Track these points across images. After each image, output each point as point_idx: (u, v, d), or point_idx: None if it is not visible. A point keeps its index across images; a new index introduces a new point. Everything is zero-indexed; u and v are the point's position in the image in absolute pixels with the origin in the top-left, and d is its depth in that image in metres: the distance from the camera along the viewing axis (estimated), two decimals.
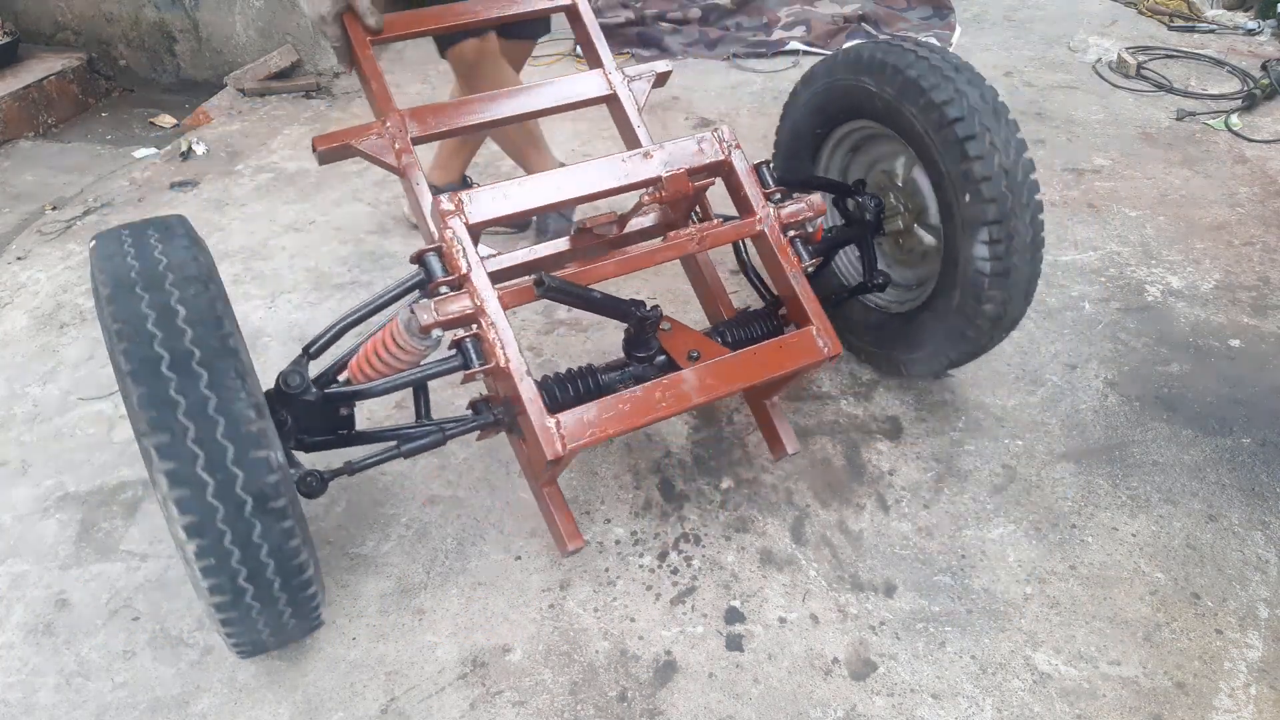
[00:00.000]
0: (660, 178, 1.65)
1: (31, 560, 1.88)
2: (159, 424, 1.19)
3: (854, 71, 1.90)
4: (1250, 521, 1.87)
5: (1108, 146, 3.39)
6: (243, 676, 1.63)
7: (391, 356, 1.51)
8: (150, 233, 1.38)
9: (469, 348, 1.49)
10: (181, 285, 1.28)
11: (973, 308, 1.81)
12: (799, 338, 1.67)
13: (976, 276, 1.76)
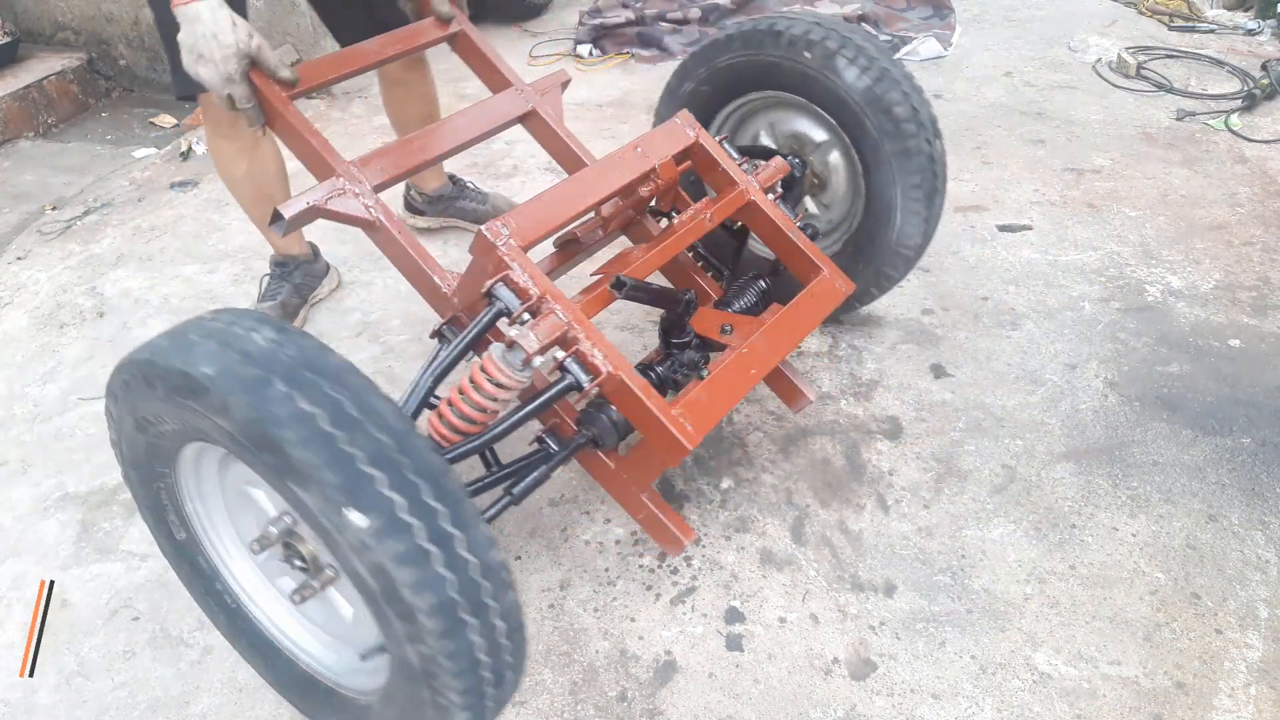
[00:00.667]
0: (654, 168, 1.70)
1: (31, 560, 1.87)
2: (391, 529, 0.99)
3: (763, 48, 1.99)
4: (1250, 521, 1.87)
5: (1108, 146, 3.39)
6: (243, 676, 1.63)
7: (490, 399, 1.42)
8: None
9: (573, 366, 1.43)
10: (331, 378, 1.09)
11: (896, 247, 2.07)
12: (820, 285, 1.79)
13: (904, 217, 2.03)
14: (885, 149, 1.94)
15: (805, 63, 1.93)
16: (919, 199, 2.01)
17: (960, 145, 3.43)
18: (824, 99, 1.97)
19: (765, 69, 2.01)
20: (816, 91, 1.97)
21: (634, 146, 1.72)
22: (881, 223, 2.05)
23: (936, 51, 4.30)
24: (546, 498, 1.96)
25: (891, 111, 1.89)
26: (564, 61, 4.46)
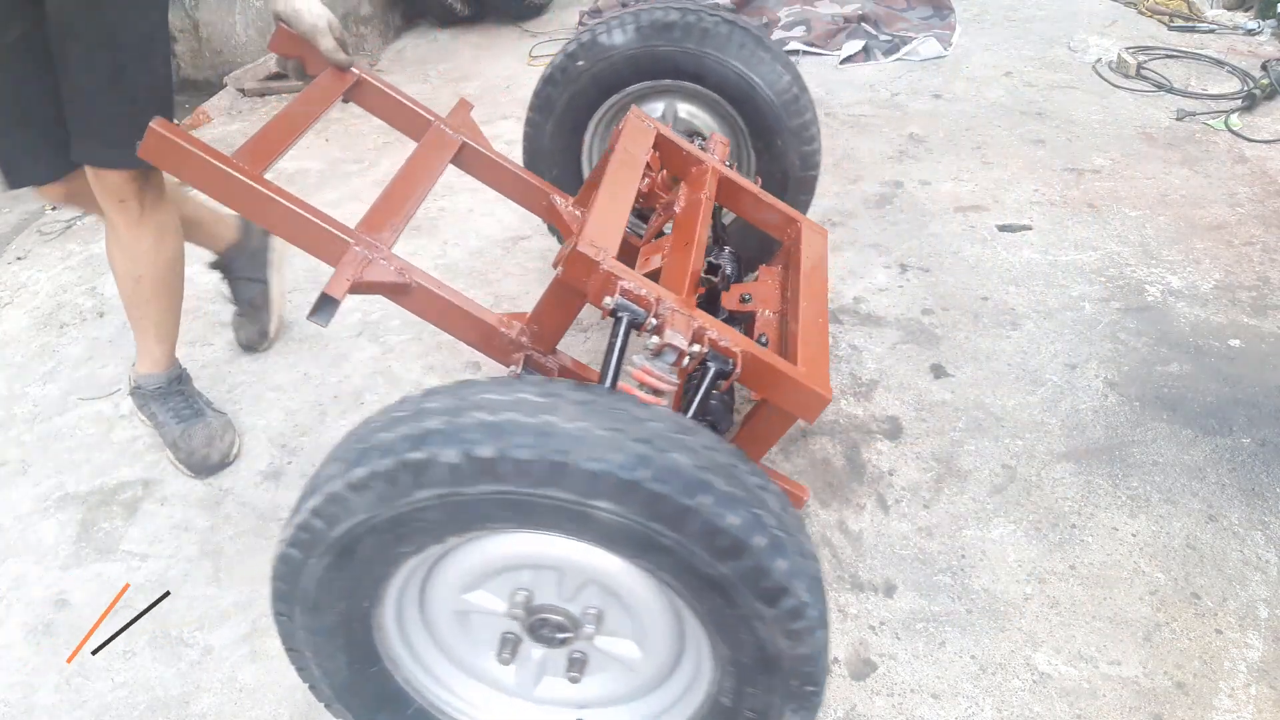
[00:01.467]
0: (649, 164, 1.78)
1: (31, 560, 1.88)
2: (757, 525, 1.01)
3: (666, 40, 2.06)
4: (1250, 521, 1.87)
5: (1108, 146, 3.39)
6: (243, 676, 1.63)
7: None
8: None
9: (715, 358, 1.44)
10: None
11: (798, 203, 2.22)
12: (806, 234, 1.88)
13: (798, 177, 2.22)
14: (783, 124, 2.11)
15: (698, 51, 2.04)
16: (810, 166, 2.24)
17: (960, 145, 3.43)
18: (720, 83, 2.08)
19: (661, 58, 2.07)
20: (711, 76, 2.08)
21: (619, 149, 1.74)
22: (779, 189, 2.17)
23: (936, 51, 4.30)
24: None
25: (789, 91, 2.09)
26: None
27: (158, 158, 1.44)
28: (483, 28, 4.96)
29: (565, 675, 1.26)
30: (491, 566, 1.20)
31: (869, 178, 3.22)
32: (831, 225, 2.93)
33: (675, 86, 2.12)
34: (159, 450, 2.12)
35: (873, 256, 2.76)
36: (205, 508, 1.97)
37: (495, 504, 1.02)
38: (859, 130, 3.59)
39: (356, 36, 4.54)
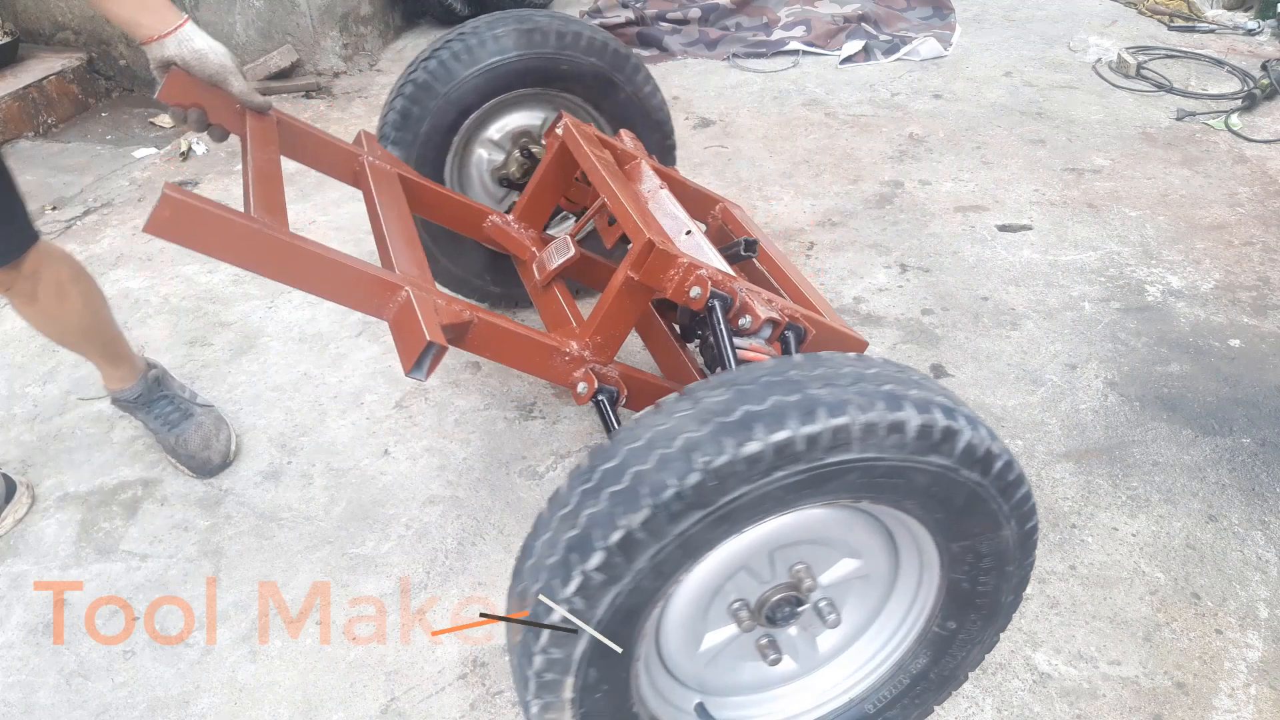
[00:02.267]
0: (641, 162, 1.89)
1: (31, 560, 1.88)
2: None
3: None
4: (1250, 521, 1.87)
5: (1108, 146, 3.39)
6: (243, 676, 1.63)
7: None
8: None
9: (792, 327, 1.52)
10: None
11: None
12: (732, 213, 2.01)
13: (661, 149, 2.25)
14: (634, 106, 2.17)
15: (571, 56, 2.06)
16: (668, 135, 2.27)
17: (960, 145, 3.43)
18: (580, 81, 2.11)
19: (537, 65, 2.06)
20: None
21: (595, 156, 1.76)
22: None
23: (936, 51, 4.30)
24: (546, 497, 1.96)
25: (641, 71, 2.15)
26: None
27: (174, 230, 1.24)
28: None
29: (826, 626, 1.27)
30: (707, 592, 1.18)
31: (869, 178, 3.22)
32: (831, 225, 2.93)
33: (530, 95, 2.12)
34: (159, 450, 2.12)
35: (873, 256, 2.76)
36: (205, 508, 1.97)
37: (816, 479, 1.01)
38: (859, 130, 3.59)
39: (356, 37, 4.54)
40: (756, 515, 1.02)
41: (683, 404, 1.05)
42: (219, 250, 1.29)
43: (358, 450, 2.11)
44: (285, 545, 1.88)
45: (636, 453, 1.00)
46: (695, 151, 3.47)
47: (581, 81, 2.08)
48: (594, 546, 0.96)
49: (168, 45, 1.48)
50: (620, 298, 1.54)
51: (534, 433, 2.14)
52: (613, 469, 1.00)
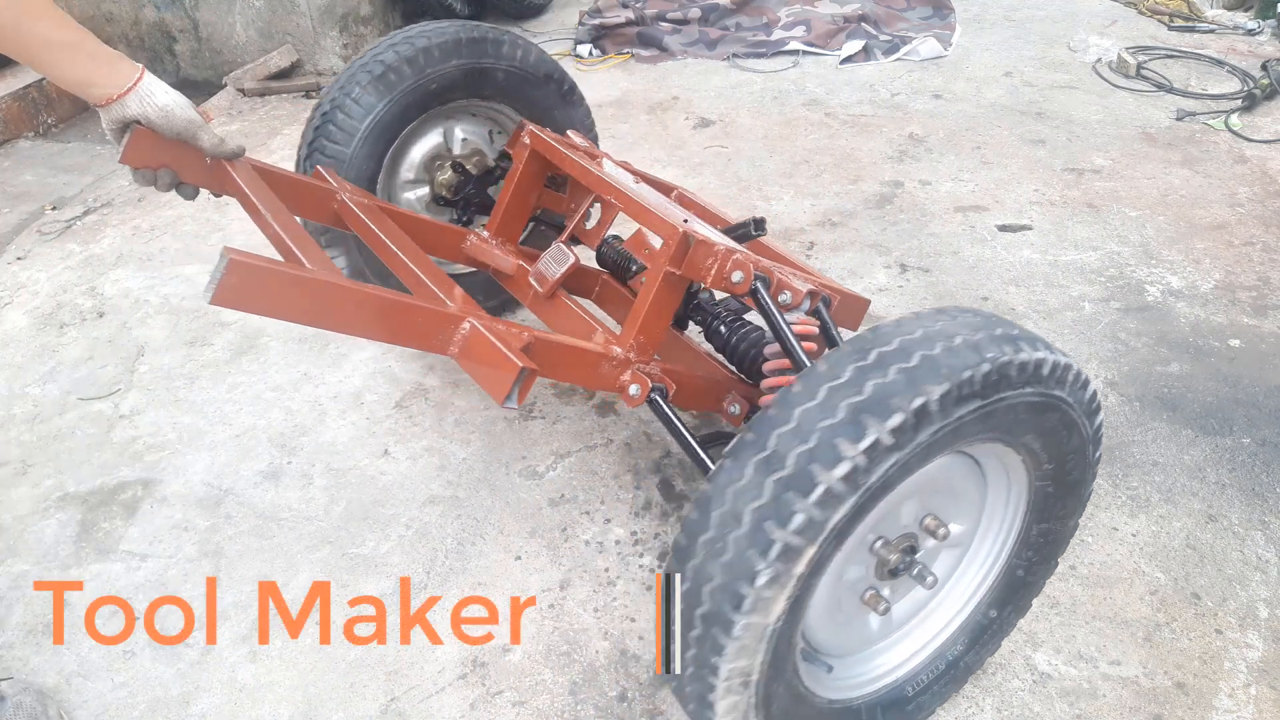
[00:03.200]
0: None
1: (31, 560, 1.87)
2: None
3: (477, 55, 2.04)
4: (1250, 521, 1.87)
5: (1108, 146, 3.39)
6: (243, 676, 1.63)
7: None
8: None
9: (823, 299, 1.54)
10: None
11: None
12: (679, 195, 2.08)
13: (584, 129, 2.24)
14: (517, 76, 2.13)
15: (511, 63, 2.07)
16: (587, 116, 2.28)
17: (960, 145, 3.43)
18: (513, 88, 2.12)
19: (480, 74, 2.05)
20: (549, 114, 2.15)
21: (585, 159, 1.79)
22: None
23: (936, 51, 4.30)
24: (546, 497, 1.96)
25: (504, 41, 2.11)
26: (564, 61, 4.46)
27: (244, 296, 1.14)
28: None
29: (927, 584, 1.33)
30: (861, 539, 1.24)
31: (869, 178, 3.22)
32: (831, 225, 2.93)
33: (419, 124, 2.08)
34: (159, 450, 2.12)
35: (873, 256, 2.76)
36: (205, 508, 1.97)
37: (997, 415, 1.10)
38: (859, 130, 3.59)
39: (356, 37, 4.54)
40: (932, 455, 1.08)
41: (863, 361, 1.08)
42: (290, 309, 1.19)
43: (358, 450, 2.11)
44: (285, 545, 1.88)
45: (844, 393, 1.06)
46: (695, 151, 3.47)
47: (457, 86, 2.03)
48: (893, 407, 1.03)
49: (129, 104, 1.34)
50: (660, 294, 1.55)
51: (534, 433, 2.14)
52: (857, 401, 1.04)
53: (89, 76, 1.32)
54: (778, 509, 1.00)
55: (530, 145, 1.87)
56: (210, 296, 1.11)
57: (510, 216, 1.94)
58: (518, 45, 2.09)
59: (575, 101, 2.22)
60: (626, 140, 3.60)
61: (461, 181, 2.14)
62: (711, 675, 1.06)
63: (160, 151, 1.43)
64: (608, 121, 3.78)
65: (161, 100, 1.37)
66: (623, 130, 3.69)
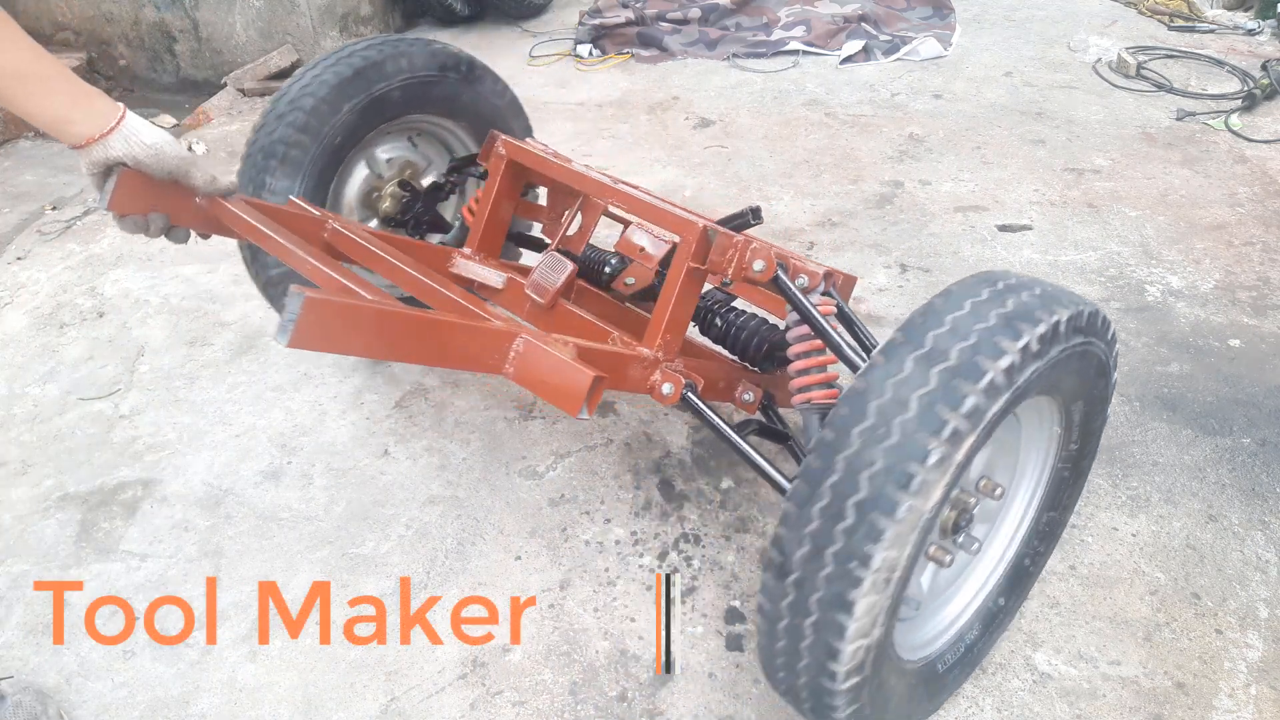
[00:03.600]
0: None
1: (31, 560, 1.88)
2: None
3: (365, 88, 1.97)
4: (1250, 521, 1.87)
5: (1108, 146, 3.39)
6: (243, 676, 1.63)
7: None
8: None
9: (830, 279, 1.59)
10: None
11: None
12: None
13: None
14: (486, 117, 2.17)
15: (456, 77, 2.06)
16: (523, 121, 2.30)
17: (960, 145, 3.43)
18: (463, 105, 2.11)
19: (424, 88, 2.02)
20: (458, 102, 2.11)
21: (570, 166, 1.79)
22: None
23: (936, 51, 4.30)
24: (546, 497, 1.96)
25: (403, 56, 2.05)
26: (564, 61, 4.46)
27: (320, 335, 1.06)
28: (482, 28, 4.97)
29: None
30: None
31: (869, 178, 3.22)
32: (831, 225, 2.93)
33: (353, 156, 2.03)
34: (159, 450, 2.12)
35: (873, 256, 2.76)
36: (205, 508, 1.97)
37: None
38: (859, 130, 3.59)
39: (356, 37, 4.54)
40: (1030, 392, 1.16)
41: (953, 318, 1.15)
42: (364, 343, 1.14)
43: (358, 450, 2.11)
44: (285, 545, 1.88)
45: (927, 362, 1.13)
46: (695, 151, 3.47)
47: (359, 125, 1.95)
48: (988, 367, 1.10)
49: (112, 145, 1.25)
50: (684, 290, 1.56)
51: (534, 433, 2.14)
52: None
53: (66, 114, 1.21)
54: (948, 394, 1.07)
55: (507, 156, 1.82)
56: (287, 340, 1.02)
57: (491, 231, 1.89)
58: (401, 55, 2.00)
59: (479, 77, 2.14)
60: (627, 140, 3.60)
61: (409, 199, 2.09)
62: (861, 567, 1.07)
63: (150, 194, 1.34)
64: (608, 122, 3.78)
65: (150, 138, 1.28)
66: (623, 130, 3.69)
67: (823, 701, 1.18)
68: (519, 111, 2.26)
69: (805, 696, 1.20)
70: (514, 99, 2.26)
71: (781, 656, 1.19)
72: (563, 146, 3.55)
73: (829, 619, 1.10)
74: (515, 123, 2.24)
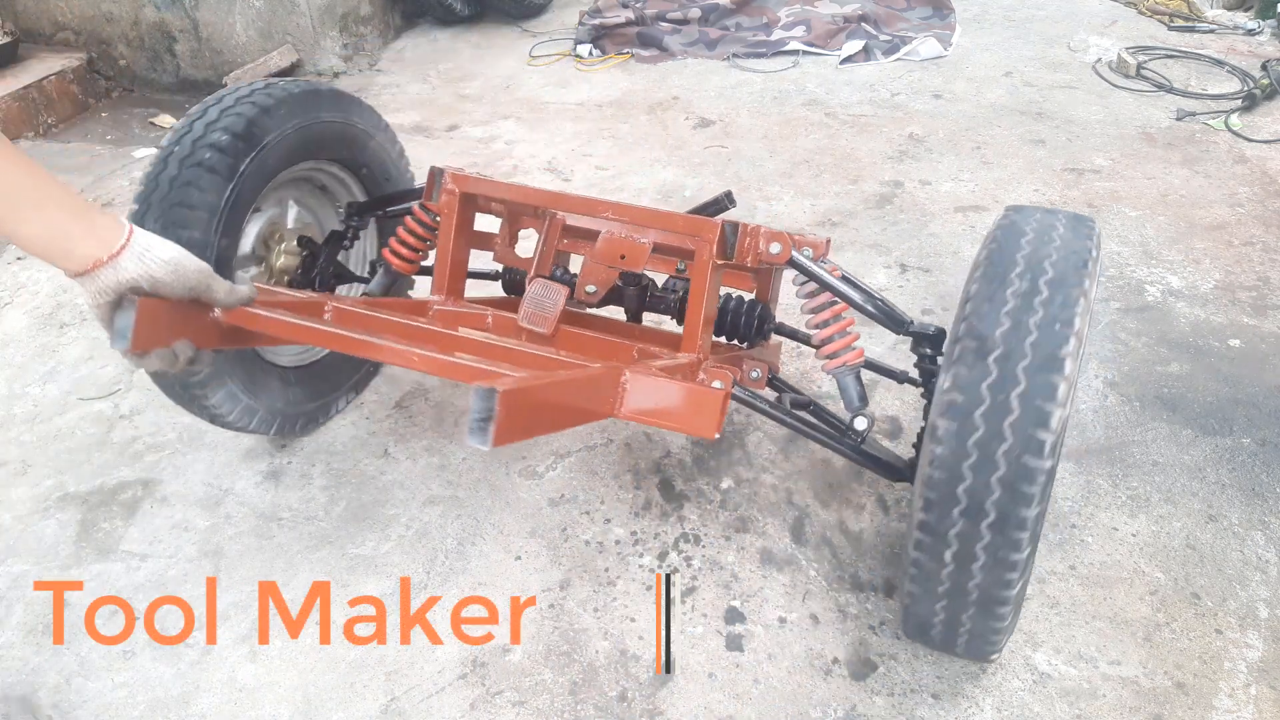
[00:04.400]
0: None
1: (31, 560, 1.88)
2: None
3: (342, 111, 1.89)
4: (1250, 521, 1.87)
5: (1108, 146, 3.39)
6: (243, 676, 1.63)
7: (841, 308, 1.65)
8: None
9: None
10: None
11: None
12: None
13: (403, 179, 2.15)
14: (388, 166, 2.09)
15: (356, 121, 1.95)
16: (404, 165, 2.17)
17: (960, 145, 3.43)
18: (355, 150, 1.99)
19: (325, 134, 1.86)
20: (355, 147, 1.99)
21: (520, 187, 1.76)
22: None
23: (936, 51, 4.30)
24: (546, 497, 1.96)
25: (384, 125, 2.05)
26: (564, 61, 4.46)
27: (519, 423, 1.00)
28: (483, 28, 4.97)
29: None
30: None
31: (869, 178, 3.22)
32: (831, 225, 2.93)
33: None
34: (159, 450, 2.12)
35: (873, 256, 2.76)
36: (205, 508, 1.97)
37: None
38: (859, 130, 3.59)
39: (356, 37, 4.54)
40: None
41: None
42: (552, 420, 1.09)
43: (358, 450, 2.11)
44: (285, 545, 1.88)
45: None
46: (695, 151, 3.47)
47: (252, 175, 1.71)
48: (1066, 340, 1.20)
49: (124, 266, 1.09)
50: (711, 286, 1.59)
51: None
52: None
53: (67, 236, 1.05)
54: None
55: (458, 190, 1.73)
56: (488, 443, 0.94)
57: (456, 272, 1.79)
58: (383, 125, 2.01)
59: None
60: (627, 140, 3.60)
61: (309, 257, 1.93)
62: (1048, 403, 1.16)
63: (172, 320, 1.17)
64: (608, 121, 3.78)
65: (166, 253, 1.13)
66: (623, 130, 3.69)
67: None
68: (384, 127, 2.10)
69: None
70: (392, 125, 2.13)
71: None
72: (563, 146, 3.55)
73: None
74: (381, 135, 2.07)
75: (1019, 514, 1.18)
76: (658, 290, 1.87)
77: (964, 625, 1.34)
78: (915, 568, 1.29)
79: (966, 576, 1.25)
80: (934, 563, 1.27)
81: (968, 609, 1.31)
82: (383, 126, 2.05)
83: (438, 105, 4.03)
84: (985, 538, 1.21)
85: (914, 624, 1.42)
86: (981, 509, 1.19)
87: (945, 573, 1.27)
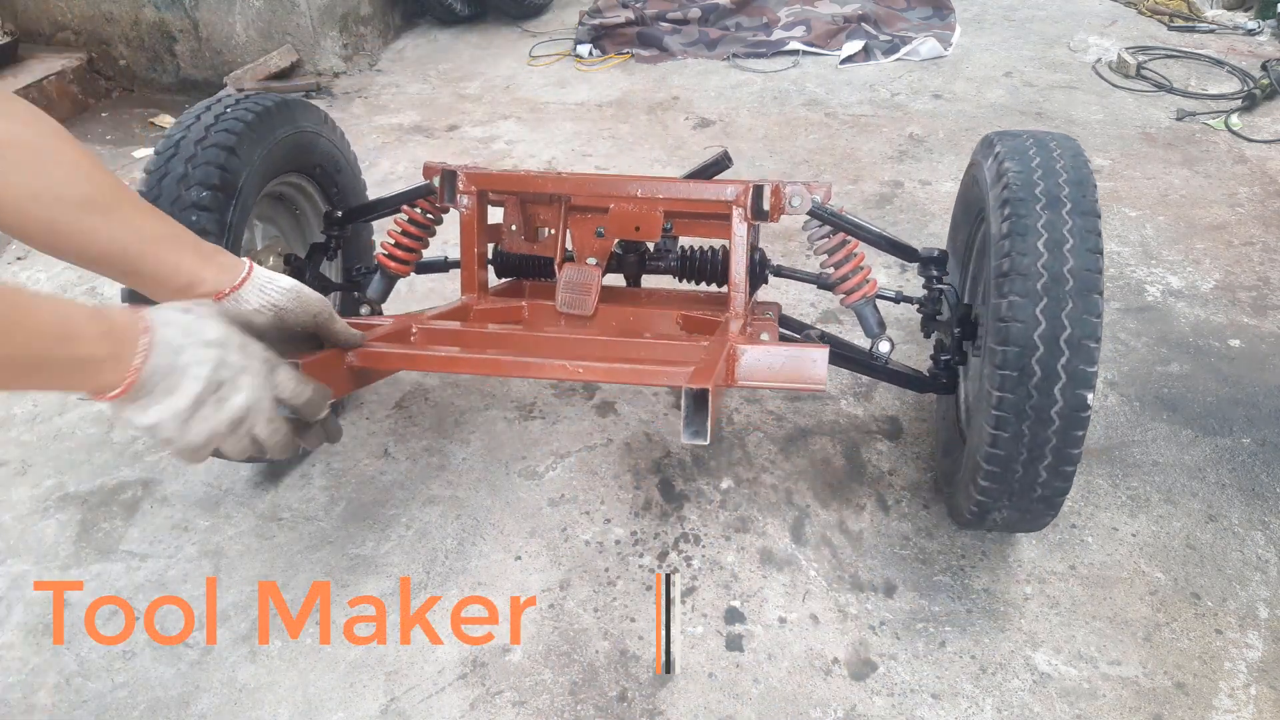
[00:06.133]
0: None
1: (31, 560, 1.87)
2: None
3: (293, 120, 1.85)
4: (1250, 521, 1.87)
5: (1108, 146, 3.39)
6: (243, 676, 1.63)
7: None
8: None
9: None
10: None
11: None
12: None
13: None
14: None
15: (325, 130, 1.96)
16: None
17: (960, 145, 3.43)
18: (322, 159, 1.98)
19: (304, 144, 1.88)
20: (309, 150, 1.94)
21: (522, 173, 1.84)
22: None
23: (936, 51, 4.30)
24: (546, 497, 1.96)
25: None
26: (564, 61, 4.46)
27: (715, 416, 1.12)
28: (483, 28, 4.97)
29: None
30: None
31: (869, 178, 3.22)
32: None
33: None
34: (159, 450, 2.12)
35: (873, 256, 2.75)
36: (205, 508, 1.97)
37: None
38: (859, 130, 3.59)
39: (356, 36, 4.54)
40: None
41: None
42: (717, 396, 1.20)
43: (358, 450, 2.11)
44: (285, 545, 1.88)
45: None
46: (695, 151, 3.47)
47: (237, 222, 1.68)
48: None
49: (246, 297, 1.09)
50: (747, 245, 1.71)
51: (534, 433, 2.14)
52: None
53: (197, 271, 1.08)
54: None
55: (476, 189, 1.76)
56: (708, 438, 1.09)
57: (480, 269, 1.84)
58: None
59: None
60: (627, 140, 3.60)
61: (294, 273, 1.89)
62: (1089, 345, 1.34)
63: (320, 371, 1.12)
64: (608, 122, 3.78)
65: (286, 283, 1.12)
66: (623, 130, 3.69)
67: None
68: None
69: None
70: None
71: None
72: (563, 146, 3.55)
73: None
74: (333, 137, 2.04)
75: (1085, 372, 1.33)
76: (652, 255, 1.97)
77: (1035, 492, 1.46)
78: (992, 445, 1.41)
79: (1043, 440, 1.38)
80: (1013, 433, 1.39)
81: (1040, 474, 1.43)
82: (324, 119, 1.99)
83: (438, 105, 4.03)
84: (1059, 401, 1.34)
85: (980, 508, 1.54)
86: (1055, 372, 1.34)
87: (1024, 441, 1.39)
